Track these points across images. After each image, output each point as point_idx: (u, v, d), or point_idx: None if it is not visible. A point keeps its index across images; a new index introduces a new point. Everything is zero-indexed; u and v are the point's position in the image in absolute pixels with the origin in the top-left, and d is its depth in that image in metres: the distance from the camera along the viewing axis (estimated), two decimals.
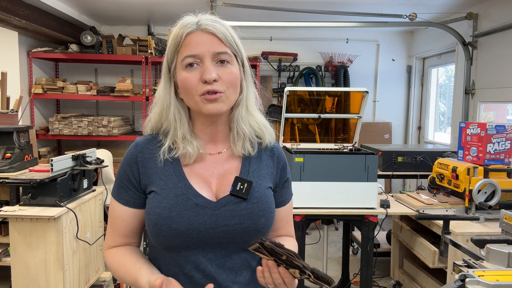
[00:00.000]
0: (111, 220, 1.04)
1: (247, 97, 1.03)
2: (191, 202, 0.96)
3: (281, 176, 1.09)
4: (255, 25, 4.66)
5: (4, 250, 2.98)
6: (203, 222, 0.95)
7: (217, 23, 0.97)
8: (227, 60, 0.96)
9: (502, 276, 1.24)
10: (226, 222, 0.96)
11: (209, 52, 0.94)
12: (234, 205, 0.97)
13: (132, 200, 1.01)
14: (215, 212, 0.96)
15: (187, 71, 0.95)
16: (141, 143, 1.03)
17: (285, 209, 1.11)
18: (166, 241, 0.95)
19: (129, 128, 5.00)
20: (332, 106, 3.04)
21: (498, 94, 3.66)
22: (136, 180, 1.00)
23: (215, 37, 0.95)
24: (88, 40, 4.47)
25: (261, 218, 0.98)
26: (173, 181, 0.98)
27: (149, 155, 1.01)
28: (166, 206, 0.95)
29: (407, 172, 3.49)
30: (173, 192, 0.96)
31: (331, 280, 0.85)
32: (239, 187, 0.98)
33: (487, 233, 2.36)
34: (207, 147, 1.03)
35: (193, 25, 0.96)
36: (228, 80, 0.95)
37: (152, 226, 0.96)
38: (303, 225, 2.65)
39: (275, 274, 0.87)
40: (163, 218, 0.94)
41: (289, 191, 1.13)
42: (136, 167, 1.00)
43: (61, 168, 2.65)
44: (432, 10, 4.15)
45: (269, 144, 1.08)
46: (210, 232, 0.95)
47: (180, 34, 0.96)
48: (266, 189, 1.03)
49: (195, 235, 0.94)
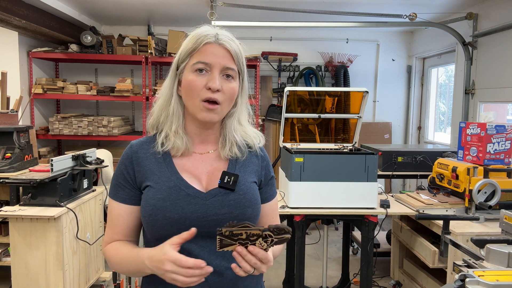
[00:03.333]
0: (110, 219, 1.11)
1: (240, 110, 1.13)
2: (183, 193, 1.04)
3: (266, 173, 1.19)
4: (255, 25, 4.67)
5: (4, 250, 2.98)
6: (194, 211, 1.03)
7: (233, 42, 1.07)
8: (232, 76, 1.06)
9: (502, 276, 1.24)
10: (216, 211, 1.04)
11: (220, 65, 1.04)
12: (223, 196, 1.06)
13: (128, 197, 1.09)
14: (206, 202, 1.05)
15: (196, 75, 1.04)
16: (135, 145, 1.12)
17: (271, 205, 1.21)
18: (160, 229, 1.02)
19: (129, 128, 5.00)
20: (332, 106, 3.04)
21: (498, 94, 3.66)
22: (132, 178, 1.08)
23: (228, 53, 1.05)
24: (88, 40, 4.48)
25: (248, 209, 1.08)
26: (166, 175, 1.06)
27: (143, 155, 1.10)
28: (160, 197, 1.03)
29: (407, 172, 3.49)
30: (166, 185, 1.05)
31: (288, 228, 0.91)
32: (226, 180, 1.07)
33: (487, 233, 2.37)
34: (196, 147, 1.12)
35: (213, 37, 1.05)
36: (228, 93, 1.06)
37: (147, 216, 1.04)
38: (303, 225, 2.65)
39: (247, 256, 0.92)
40: (157, 208, 1.02)
41: (274, 189, 1.23)
42: (131, 166, 1.09)
43: (61, 168, 2.65)
44: (432, 10, 4.15)
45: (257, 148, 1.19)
46: (202, 221, 1.02)
47: (200, 41, 1.04)
48: (251, 183, 1.13)
49: (187, 223, 1.01)
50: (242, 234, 0.91)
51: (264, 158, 1.20)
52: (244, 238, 0.91)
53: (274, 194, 1.23)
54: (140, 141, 1.13)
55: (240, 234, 0.91)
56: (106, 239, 1.12)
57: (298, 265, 2.71)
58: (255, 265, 0.93)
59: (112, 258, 1.09)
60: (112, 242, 1.10)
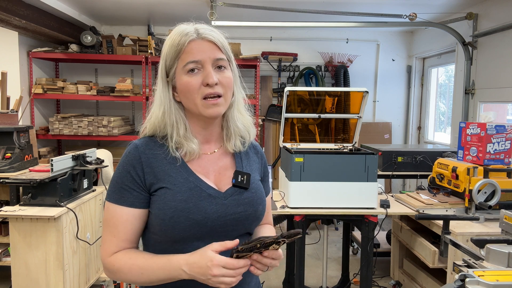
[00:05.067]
0: (113, 226, 1.03)
1: (237, 99, 1.13)
2: (205, 193, 1.04)
3: (264, 170, 1.24)
4: (255, 25, 4.67)
5: (4, 250, 2.98)
6: (216, 211, 1.03)
7: (214, 32, 1.05)
8: (224, 65, 1.05)
9: (502, 276, 1.24)
10: (234, 210, 1.06)
11: (210, 59, 1.02)
12: (238, 195, 1.08)
13: (137, 200, 1.03)
14: (224, 201, 1.05)
15: (189, 76, 1.02)
16: (141, 145, 1.06)
17: (267, 200, 1.23)
18: (182, 231, 1.00)
19: (129, 128, 5.00)
20: (332, 106, 3.04)
21: (498, 94, 3.66)
22: (141, 179, 1.03)
23: (214, 45, 1.04)
24: (88, 40, 4.48)
25: (259, 206, 1.11)
26: (183, 176, 1.04)
27: (152, 155, 1.05)
28: (181, 198, 1.01)
29: (407, 172, 3.49)
30: (186, 186, 1.03)
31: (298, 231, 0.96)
32: (240, 179, 1.09)
33: (487, 233, 2.37)
34: (202, 147, 1.11)
35: (194, 33, 1.03)
36: (226, 83, 1.05)
37: (167, 220, 1.00)
38: (303, 225, 2.65)
39: (263, 260, 0.97)
40: (180, 210, 1.00)
41: (269, 184, 1.30)
42: (140, 167, 1.03)
43: (61, 168, 2.65)
44: (432, 10, 4.15)
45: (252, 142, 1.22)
46: (221, 220, 1.04)
47: (182, 42, 1.02)
48: (258, 180, 1.17)
49: (209, 223, 1.02)
50: (257, 245, 0.94)
51: (262, 156, 1.25)
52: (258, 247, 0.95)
53: (269, 190, 1.28)
54: (145, 141, 1.08)
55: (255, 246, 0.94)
56: (110, 249, 1.03)
57: (298, 265, 2.71)
58: (271, 264, 0.99)
59: (125, 268, 1.01)
60: (120, 251, 1.03)
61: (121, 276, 1.02)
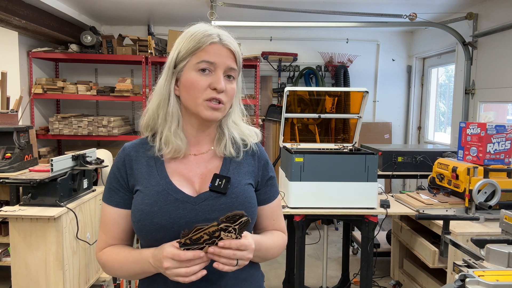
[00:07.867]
0: (103, 224, 1.09)
1: (234, 111, 1.12)
2: (171, 197, 1.02)
3: (263, 174, 1.15)
4: (255, 25, 4.67)
5: (4, 250, 2.98)
6: (183, 216, 1.00)
7: (234, 42, 1.07)
8: (233, 76, 1.06)
9: (502, 276, 1.24)
10: (206, 216, 1.01)
11: (224, 65, 1.03)
12: (214, 200, 1.03)
13: (122, 201, 1.07)
14: (195, 206, 1.02)
15: (199, 74, 1.02)
16: (128, 148, 1.10)
17: (271, 207, 1.15)
18: (149, 235, 1.01)
19: (129, 128, 5.00)
20: (332, 106, 3.04)
21: (498, 94, 3.66)
22: (125, 181, 1.07)
23: (231, 54, 1.05)
24: (88, 40, 4.48)
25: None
26: (155, 179, 1.04)
27: (135, 158, 1.08)
28: (148, 202, 1.01)
29: (407, 172, 3.49)
30: (155, 189, 1.03)
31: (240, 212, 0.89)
32: (217, 183, 1.04)
33: (487, 233, 2.37)
34: (191, 148, 1.10)
35: (216, 36, 1.04)
36: (230, 94, 1.06)
37: (136, 222, 1.02)
38: (303, 225, 2.65)
39: (222, 252, 0.90)
40: (145, 214, 1.00)
41: (274, 189, 1.17)
42: (124, 169, 1.07)
43: (61, 168, 2.65)
44: (432, 10, 4.15)
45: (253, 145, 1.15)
46: (191, 226, 0.99)
47: (204, 41, 1.02)
48: (246, 185, 1.08)
49: (176, 228, 0.99)
50: (203, 236, 0.89)
51: (261, 158, 1.15)
52: (208, 239, 0.89)
53: (275, 196, 1.17)
54: (134, 143, 1.11)
55: (201, 237, 0.89)
56: (100, 245, 1.09)
57: (298, 265, 2.70)
58: (235, 256, 0.91)
59: (109, 262, 1.06)
60: (107, 247, 1.08)
61: (107, 269, 1.08)
